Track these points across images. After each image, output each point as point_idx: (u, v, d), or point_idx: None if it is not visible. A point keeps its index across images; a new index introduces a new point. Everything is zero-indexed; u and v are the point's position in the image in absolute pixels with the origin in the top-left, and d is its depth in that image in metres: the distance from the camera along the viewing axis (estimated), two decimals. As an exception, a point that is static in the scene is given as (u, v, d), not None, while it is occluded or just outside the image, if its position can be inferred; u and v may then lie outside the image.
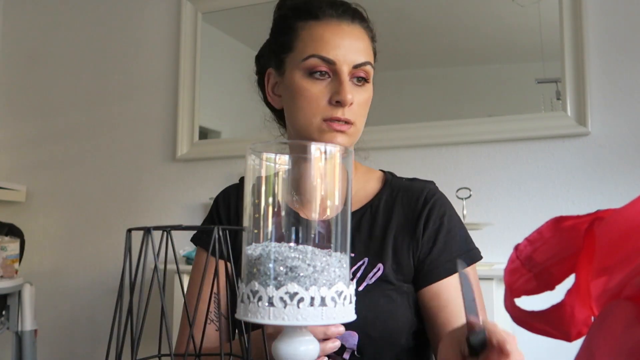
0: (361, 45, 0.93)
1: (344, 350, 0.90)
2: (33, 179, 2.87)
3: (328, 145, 0.53)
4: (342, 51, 0.90)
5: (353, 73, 0.92)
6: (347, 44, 0.91)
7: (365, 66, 0.92)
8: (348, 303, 0.50)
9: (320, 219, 0.52)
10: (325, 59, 0.90)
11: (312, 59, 0.91)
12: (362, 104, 0.93)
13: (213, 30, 2.65)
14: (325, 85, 0.91)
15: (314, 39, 0.92)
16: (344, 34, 0.92)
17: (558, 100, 2.02)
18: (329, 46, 0.91)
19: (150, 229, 0.44)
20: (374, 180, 1.05)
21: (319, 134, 0.91)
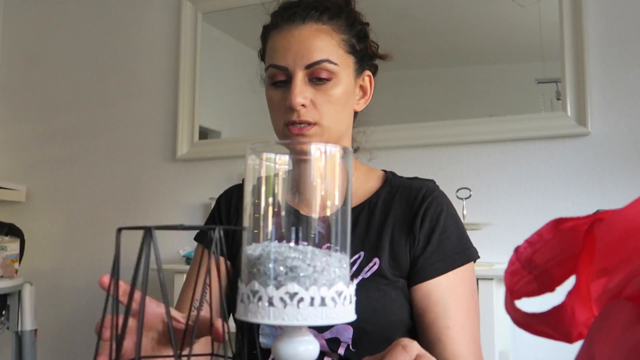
0: (315, 43, 0.92)
1: (339, 344, 0.90)
2: (33, 179, 2.87)
3: (328, 145, 0.53)
4: (291, 55, 0.91)
5: (310, 74, 0.92)
6: (296, 47, 0.92)
7: (321, 64, 0.91)
8: (348, 303, 0.50)
9: (320, 218, 0.52)
10: (278, 67, 0.93)
11: (269, 69, 0.95)
12: (327, 102, 0.92)
13: (213, 30, 2.65)
14: (283, 92, 0.93)
15: (271, 49, 0.96)
16: (291, 38, 0.93)
17: (558, 101, 2.02)
18: (279, 54, 0.93)
19: (152, 229, 0.44)
20: (374, 179, 1.05)
21: (283, 138, 0.94)
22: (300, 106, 0.91)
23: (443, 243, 0.94)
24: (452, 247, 0.95)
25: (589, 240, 0.37)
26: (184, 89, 2.58)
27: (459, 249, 0.95)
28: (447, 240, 0.95)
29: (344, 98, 0.94)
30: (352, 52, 0.97)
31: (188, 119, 2.57)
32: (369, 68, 1.03)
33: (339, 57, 0.94)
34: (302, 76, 0.91)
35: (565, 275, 0.40)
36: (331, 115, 0.93)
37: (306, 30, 0.93)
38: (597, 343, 0.34)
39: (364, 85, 1.02)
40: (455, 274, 0.93)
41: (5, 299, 2.30)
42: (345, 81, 0.94)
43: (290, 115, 0.91)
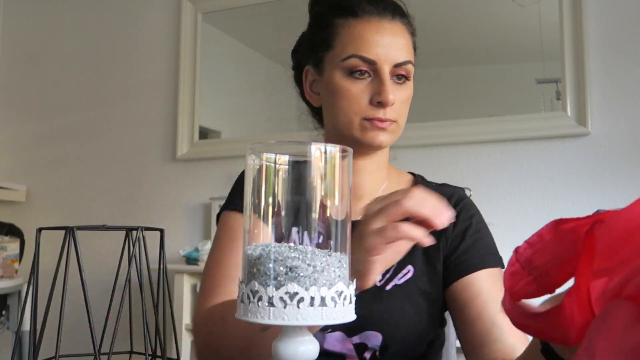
0: (402, 42, 0.90)
1: (366, 349, 0.89)
2: (33, 179, 2.87)
3: (328, 145, 0.53)
4: (382, 50, 0.88)
5: (394, 72, 0.89)
6: (388, 42, 0.89)
7: (406, 65, 0.90)
8: (348, 303, 0.50)
9: (321, 219, 0.52)
10: (366, 59, 0.88)
11: (352, 59, 0.88)
12: (404, 102, 0.92)
13: (213, 30, 2.65)
14: (365, 85, 0.89)
15: (354, 38, 0.89)
16: (384, 31, 0.89)
17: (558, 100, 2.02)
18: (369, 45, 0.88)
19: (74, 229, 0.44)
20: (405, 182, 1.03)
21: (361, 131, 0.90)
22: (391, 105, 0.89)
23: (477, 242, 0.94)
24: (485, 248, 0.94)
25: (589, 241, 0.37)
26: (184, 89, 2.58)
27: (493, 251, 0.95)
28: (480, 241, 0.94)
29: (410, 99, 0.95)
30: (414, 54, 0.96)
31: (188, 119, 2.57)
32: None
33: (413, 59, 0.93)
34: (388, 72, 0.89)
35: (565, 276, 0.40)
36: (404, 114, 0.93)
37: (396, 27, 0.91)
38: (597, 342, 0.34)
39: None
40: (490, 272, 0.92)
41: (5, 299, 2.30)
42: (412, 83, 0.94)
43: (377, 111, 0.88)
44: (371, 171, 0.97)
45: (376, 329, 0.88)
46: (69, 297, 1.99)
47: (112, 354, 0.52)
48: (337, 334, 0.89)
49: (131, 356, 0.57)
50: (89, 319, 0.46)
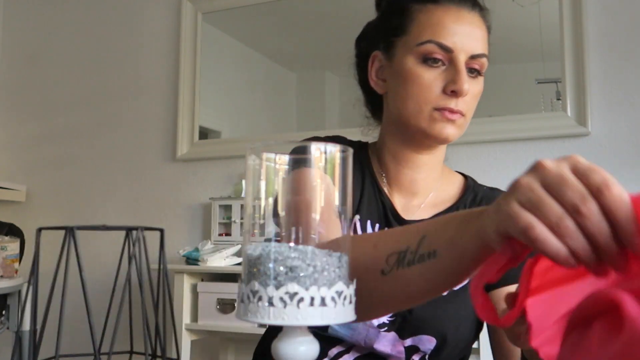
0: (480, 34, 0.88)
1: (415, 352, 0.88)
2: (33, 179, 2.87)
3: (328, 145, 0.53)
4: (460, 39, 0.85)
5: (468, 63, 0.87)
6: (467, 31, 0.86)
7: (482, 58, 0.88)
8: (348, 303, 0.50)
9: (322, 218, 0.52)
10: (443, 46, 0.85)
11: (428, 45, 0.85)
12: (475, 96, 0.89)
13: (213, 30, 2.65)
14: (439, 73, 0.86)
15: (431, 24, 0.86)
16: (463, 20, 0.86)
17: (558, 101, 2.02)
18: (447, 33, 0.85)
19: (74, 229, 0.44)
20: (457, 182, 1.02)
21: (429, 122, 0.87)
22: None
23: None
24: None
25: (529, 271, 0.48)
26: (184, 89, 2.58)
27: None
28: None
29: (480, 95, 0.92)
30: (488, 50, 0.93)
31: (188, 119, 2.57)
32: None
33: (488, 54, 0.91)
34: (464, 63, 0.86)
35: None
36: (472, 109, 0.91)
37: (475, 18, 0.88)
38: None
39: None
40: None
41: (5, 299, 2.30)
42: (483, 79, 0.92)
43: (449, 101, 0.85)
44: (430, 167, 0.96)
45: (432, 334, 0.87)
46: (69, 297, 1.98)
47: (112, 354, 0.52)
48: (391, 334, 0.87)
49: (131, 356, 0.57)
50: (89, 319, 0.46)
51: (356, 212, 0.93)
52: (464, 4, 0.88)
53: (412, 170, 0.95)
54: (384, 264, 0.60)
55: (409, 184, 0.96)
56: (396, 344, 0.87)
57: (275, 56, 2.63)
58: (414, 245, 0.58)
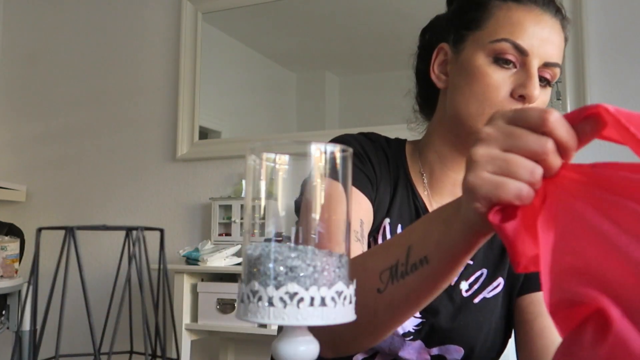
0: (558, 41, 0.82)
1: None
2: (33, 179, 2.87)
3: (328, 145, 0.53)
4: (537, 43, 0.80)
5: (541, 71, 0.82)
6: (545, 37, 0.81)
7: (556, 68, 0.83)
8: (348, 303, 0.50)
9: (322, 218, 0.52)
10: (518, 47, 0.80)
11: (503, 43, 0.80)
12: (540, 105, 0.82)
13: (213, 30, 2.65)
14: (509, 75, 0.80)
15: (510, 22, 0.81)
16: (544, 24, 0.81)
17: (558, 101, 2.02)
18: (525, 34, 0.80)
19: (74, 229, 0.44)
20: None
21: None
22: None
23: None
24: None
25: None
26: (184, 89, 2.58)
27: None
28: None
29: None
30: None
31: (188, 119, 2.57)
32: None
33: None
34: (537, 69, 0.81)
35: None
36: None
37: (557, 26, 0.83)
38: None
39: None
40: None
41: (5, 299, 2.30)
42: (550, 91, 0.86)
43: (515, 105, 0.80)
44: None
45: (460, 343, 0.85)
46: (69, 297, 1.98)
47: (112, 354, 0.52)
48: (417, 343, 0.85)
49: (131, 356, 0.57)
50: (89, 319, 0.46)
51: (386, 214, 0.89)
52: (548, 8, 0.83)
53: (457, 173, 0.90)
54: (379, 282, 0.61)
55: (452, 187, 0.91)
56: (422, 352, 0.85)
57: (275, 56, 2.63)
58: (402, 257, 0.60)
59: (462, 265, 0.58)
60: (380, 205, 0.89)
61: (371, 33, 2.36)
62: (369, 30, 2.34)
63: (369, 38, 2.39)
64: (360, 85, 2.47)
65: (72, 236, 0.43)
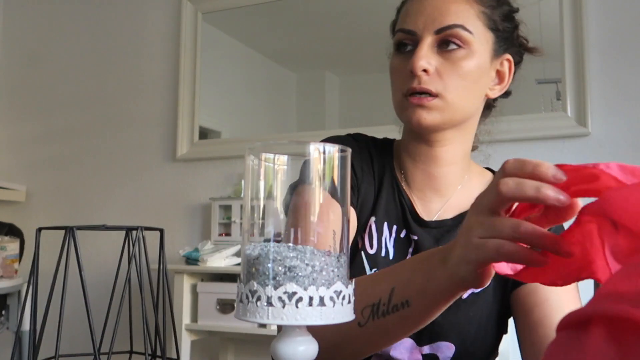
0: (449, 7, 0.82)
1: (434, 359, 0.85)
2: (33, 179, 2.87)
3: (327, 145, 0.53)
4: (422, 19, 0.82)
5: (438, 39, 0.81)
6: (429, 10, 0.82)
7: (453, 29, 0.81)
8: (347, 303, 0.50)
9: (320, 219, 0.52)
10: (405, 30, 0.83)
11: (397, 34, 0.85)
12: (454, 73, 0.81)
13: (213, 30, 2.65)
14: (407, 57, 0.82)
15: (402, 15, 0.86)
16: (426, 2, 0.83)
17: (558, 101, 2.02)
18: (409, 17, 0.84)
19: (73, 229, 0.44)
20: (487, 180, 1.00)
21: (401, 111, 0.84)
22: (422, 72, 0.80)
23: None
24: None
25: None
26: (184, 89, 2.58)
27: None
28: None
29: (475, 74, 0.83)
30: (493, 28, 0.86)
31: (188, 119, 2.57)
32: (510, 54, 0.93)
33: (476, 28, 0.83)
34: (430, 41, 0.81)
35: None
36: (458, 89, 0.81)
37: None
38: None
39: (502, 70, 0.93)
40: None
41: (5, 299, 2.30)
42: (479, 55, 0.83)
43: (411, 82, 0.80)
44: (448, 162, 0.90)
45: (451, 340, 0.84)
46: (69, 297, 1.98)
47: (112, 354, 0.52)
48: (408, 341, 0.84)
49: (131, 356, 0.57)
50: (89, 319, 0.46)
51: (371, 213, 0.89)
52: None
53: (427, 165, 0.90)
54: (360, 316, 0.64)
55: (427, 180, 0.90)
56: (413, 352, 0.85)
57: (275, 56, 2.63)
58: (385, 297, 0.63)
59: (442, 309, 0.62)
60: (364, 205, 0.90)
61: (371, 33, 2.35)
62: (369, 30, 2.33)
63: (369, 38, 2.38)
64: (360, 85, 2.47)
65: (72, 236, 0.43)
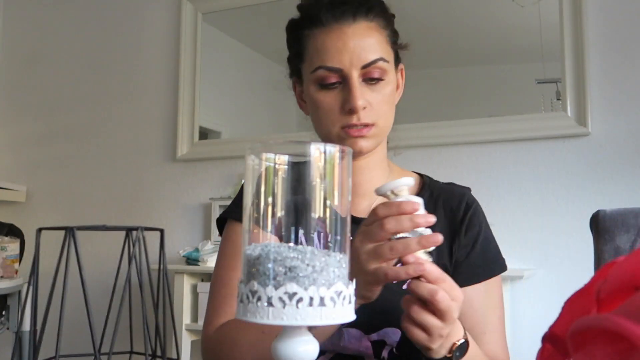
0: (369, 42, 0.88)
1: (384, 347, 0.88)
2: (33, 179, 2.87)
3: (327, 145, 0.53)
4: (346, 56, 0.86)
5: (364, 74, 0.88)
6: (351, 46, 0.87)
7: (376, 63, 0.87)
8: (347, 303, 0.50)
9: (321, 219, 0.52)
10: (331, 69, 0.87)
11: (319, 71, 0.88)
12: (381, 102, 0.89)
13: (213, 30, 2.65)
14: (337, 94, 0.88)
15: (318, 49, 0.89)
16: (346, 37, 0.87)
17: (558, 101, 2.02)
18: (331, 55, 0.87)
19: (74, 229, 0.44)
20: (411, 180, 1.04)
21: (340, 141, 0.89)
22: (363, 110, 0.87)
23: (485, 250, 0.95)
24: (492, 256, 0.96)
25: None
26: (184, 89, 2.58)
27: (497, 258, 0.96)
28: (488, 248, 0.95)
29: (392, 95, 0.92)
30: (394, 46, 0.94)
31: (188, 119, 2.57)
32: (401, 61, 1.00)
33: (389, 54, 0.91)
34: (357, 76, 0.87)
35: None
36: (385, 114, 0.91)
37: (359, 28, 0.88)
38: None
39: (399, 79, 0.99)
40: (493, 281, 0.94)
41: (5, 299, 2.30)
42: (393, 78, 0.92)
43: (350, 118, 0.87)
44: (370, 169, 0.97)
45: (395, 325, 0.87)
46: (69, 297, 1.98)
47: (112, 354, 0.52)
48: (354, 331, 0.87)
49: (131, 356, 0.57)
50: (89, 319, 0.46)
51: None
52: (344, 20, 0.88)
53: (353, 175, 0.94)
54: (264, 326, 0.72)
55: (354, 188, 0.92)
56: (362, 340, 0.87)
57: (275, 56, 2.63)
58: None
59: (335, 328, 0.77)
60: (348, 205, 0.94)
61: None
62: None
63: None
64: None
65: (72, 236, 0.43)
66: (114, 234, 2.63)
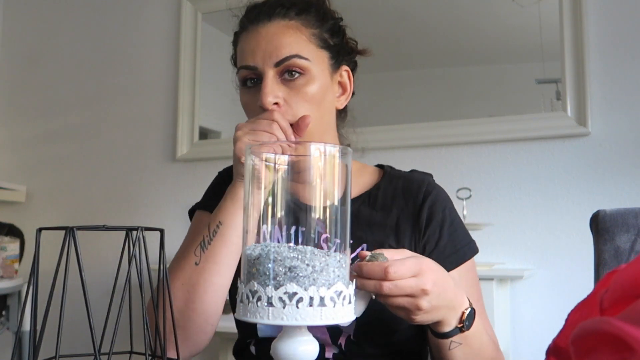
0: (283, 40, 0.90)
1: (340, 334, 0.89)
2: (33, 179, 2.87)
3: (327, 145, 0.53)
4: (260, 54, 0.90)
5: (280, 70, 0.89)
6: (264, 45, 0.90)
7: (290, 60, 0.89)
8: (347, 303, 0.50)
9: (319, 216, 0.52)
10: (248, 67, 0.91)
11: (240, 71, 0.94)
12: (301, 100, 0.89)
13: (213, 30, 2.65)
14: (255, 92, 0.91)
15: (240, 52, 0.95)
16: (259, 37, 0.91)
17: (558, 101, 2.02)
18: (247, 54, 0.92)
19: (74, 229, 0.44)
20: (369, 173, 1.04)
21: None
22: (274, 105, 0.88)
23: (453, 236, 0.95)
24: (461, 240, 0.95)
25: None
26: (184, 89, 2.58)
27: (466, 241, 0.96)
28: (455, 234, 0.95)
29: (319, 95, 0.91)
30: (325, 46, 0.94)
31: (188, 119, 2.57)
32: (346, 64, 1.00)
33: (310, 52, 0.91)
34: (272, 75, 0.89)
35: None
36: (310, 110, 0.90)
37: (273, 27, 0.91)
38: None
39: (343, 82, 0.99)
40: (465, 265, 0.94)
41: (5, 299, 2.30)
42: (319, 77, 0.91)
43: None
44: None
45: None
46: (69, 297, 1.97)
47: (112, 354, 0.52)
48: None
49: (131, 356, 0.57)
50: (89, 319, 0.46)
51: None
52: (259, 21, 0.93)
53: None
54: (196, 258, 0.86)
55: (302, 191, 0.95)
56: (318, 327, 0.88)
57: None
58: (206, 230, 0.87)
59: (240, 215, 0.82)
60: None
61: (371, 33, 2.35)
62: (368, 30, 2.33)
63: (369, 38, 2.38)
64: (360, 85, 2.46)
65: (72, 236, 0.43)
66: (114, 234, 2.62)
